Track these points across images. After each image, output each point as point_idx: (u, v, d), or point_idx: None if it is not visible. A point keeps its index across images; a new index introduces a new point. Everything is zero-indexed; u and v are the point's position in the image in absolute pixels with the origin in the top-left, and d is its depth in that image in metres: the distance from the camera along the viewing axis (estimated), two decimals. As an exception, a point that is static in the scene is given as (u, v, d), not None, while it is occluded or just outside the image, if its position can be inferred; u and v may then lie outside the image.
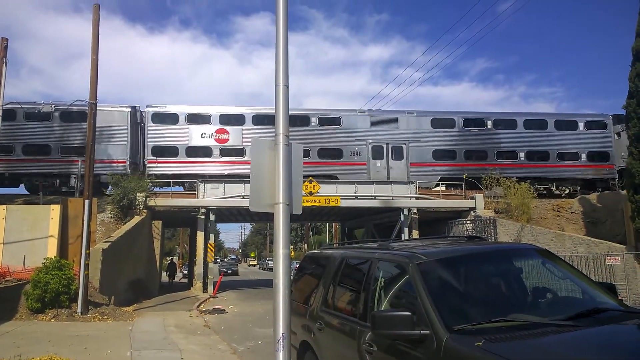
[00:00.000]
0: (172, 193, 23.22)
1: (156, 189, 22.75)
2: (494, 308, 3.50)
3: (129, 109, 24.35)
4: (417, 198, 23.08)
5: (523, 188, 21.97)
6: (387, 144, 25.44)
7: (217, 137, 24.78)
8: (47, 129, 23.66)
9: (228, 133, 24.82)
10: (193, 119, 24.85)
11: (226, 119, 25.06)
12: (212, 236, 23.23)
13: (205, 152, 24.64)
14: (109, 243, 16.65)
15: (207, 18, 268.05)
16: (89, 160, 14.45)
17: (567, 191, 25.68)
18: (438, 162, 25.50)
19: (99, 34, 14.53)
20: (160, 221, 23.14)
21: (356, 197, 23.00)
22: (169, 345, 10.13)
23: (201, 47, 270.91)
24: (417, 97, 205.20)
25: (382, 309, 3.96)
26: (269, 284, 24.49)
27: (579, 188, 25.52)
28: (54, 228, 16.58)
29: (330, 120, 25.59)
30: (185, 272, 36.17)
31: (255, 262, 77.85)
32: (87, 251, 13.86)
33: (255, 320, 14.02)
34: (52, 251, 15.77)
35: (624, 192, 18.87)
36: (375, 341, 3.76)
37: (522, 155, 25.64)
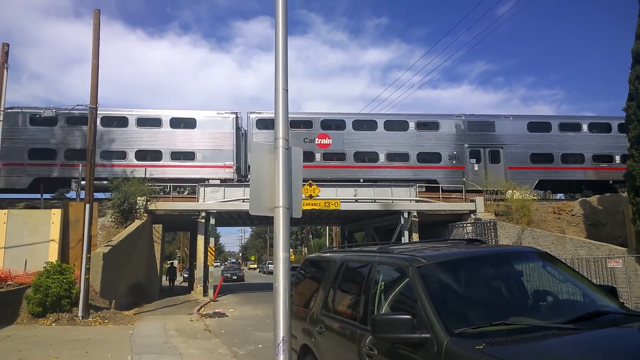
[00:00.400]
0: (173, 197, 23.25)
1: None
2: (494, 311, 3.50)
3: (234, 115, 25.08)
4: (417, 201, 23.07)
5: (523, 191, 21.97)
6: (484, 147, 25.71)
7: (319, 142, 25.22)
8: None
9: (329, 138, 25.31)
10: (296, 124, 25.27)
11: (327, 124, 25.62)
12: (212, 240, 23.22)
13: (309, 156, 24.96)
14: (110, 247, 16.66)
15: (206, 23, 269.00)
16: (89, 165, 14.47)
17: None
18: (535, 165, 25.60)
19: (99, 39, 14.57)
20: (161, 225, 23.15)
21: (356, 201, 23.01)
22: (170, 349, 10.12)
23: (201, 51, 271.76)
24: (417, 100, 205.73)
25: (383, 312, 3.96)
26: (269, 287, 24.48)
27: None
28: (55, 232, 16.57)
29: (428, 125, 26.00)
30: (185, 275, 36.14)
31: (255, 266, 77.69)
32: (88, 255, 13.87)
33: (256, 324, 14.00)
34: (53, 255, 15.76)
35: (625, 194, 18.85)
36: (375, 345, 3.76)
37: (617, 159, 25.57)
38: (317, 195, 21.99)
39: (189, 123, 24.90)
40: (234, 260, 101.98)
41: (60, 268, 13.64)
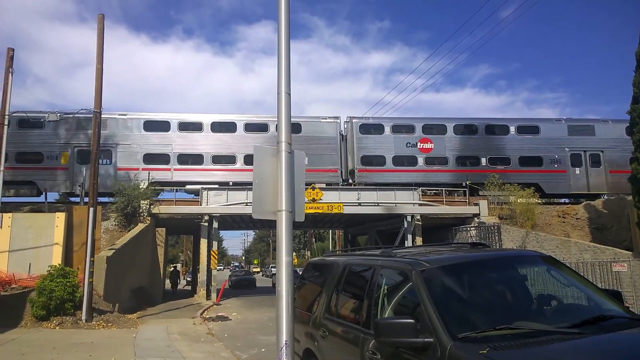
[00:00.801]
0: (176, 200, 23.29)
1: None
2: (498, 315, 3.47)
3: (338, 120, 25.61)
4: (420, 204, 23.02)
5: (527, 194, 21.88)
6: (584, 151, 25.72)
7: (421, 147, 25.37)
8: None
9: (432, 142, 25.50)
10: (397, 129, 25.57)
11: (429, 129, 25.81)
12: (215, 243, 23.23)
13: (410, 160, 25.27)
14: (113, 250, 16.69)
15: (210, 27, 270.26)
16: (93, 168, 14.54)
17: None
18: None
19: (103, 44, 14.67)
20: (164, 228, 23.18)
21: (359, 204, 22.98)
22: (173, 353, 10.11)
23: (204, 55, 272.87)
24: (420, 103, 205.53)
25: (386, 316, 3.94)
26: (272, 291, 24.34)
27: None
28: (59, 236, 16.63)
29: (529, 129, 26.04)
30: (188, 279, 36.12)
31: (258, 269, 77.71)
32: (92, 259, 13.90)
33: (259, 328, 13.98)
34: (57, 259, 15.81)
35: (630, 197, 18.75)
36: (378, 349, 3.74)
37: None
38: (321, 199, 21.98)
39: (295, 128, 25.16)
40: (237, 264, 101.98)
41: (63, 271, 13.69)
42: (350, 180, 25.15)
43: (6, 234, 16.34)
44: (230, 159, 24.58)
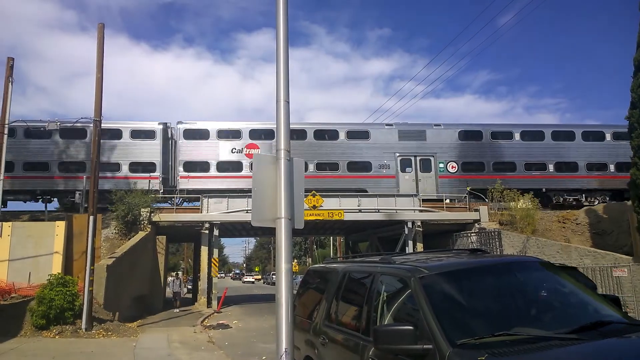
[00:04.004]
0: (177, 208, 23.30)
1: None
2: (497, 322, 3.47)
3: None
4: (420, 211, 23.01)
5: (527, 199, 21.89)
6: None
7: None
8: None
9: None
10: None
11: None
12: (216, 251, 23.20)
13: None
14: (114, 259, 16.68)
15: (210, 35, 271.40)
16: (93, 177, 14.57)
17: None
18: None
19: (103, 53, 14.76)
20: (165, 236, 23.18)
21: (360, 211, 22.97)
22: (173, 362, 10.08)
23: (205, 63, 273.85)
24: (420, 110, 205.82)
25: (385, 323, 3.95)
26: (273, 298, 24.22)
27: None
28: (59, 244, 16.62)
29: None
30: (189, 287, 35.97)
31: (259, 277, 77.54)
32: (92, 267, 13.89)
33: (260, 336, 13.93)
34: (57, 267, 15.79)
35: (629, 202, 18.75)
36: (378, 356, 3.74)
37: None
38: (321, 206, 21.98)
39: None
40: (238, 271, 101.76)
41: (63, 280, 13.66)
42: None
43: (6, 242, 16.33)
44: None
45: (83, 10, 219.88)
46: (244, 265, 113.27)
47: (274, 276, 51.50)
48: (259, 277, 77.72)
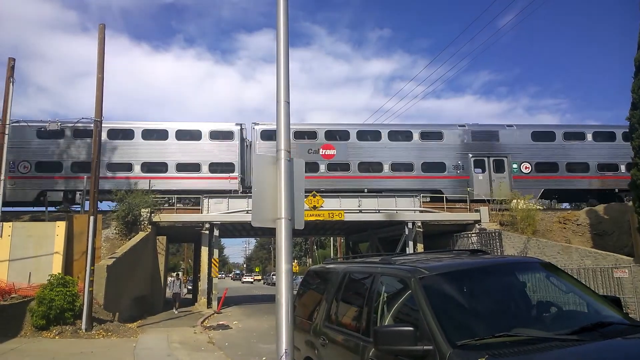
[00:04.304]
0: (177, 208, 23.30)
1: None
2: (497, 323, 3.47)
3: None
4: (421, 211, 23.00)
5: (527, 200, 21.88)
6: None
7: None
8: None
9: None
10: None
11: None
12: (216, 251, 23.19)
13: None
14: (114, 259, 16.67)
15: (211, 36, 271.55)
16: (94, 177, 14.57)
17: None
18: None
19: (104, 53, 14.77)
20: (165, 237, 23.17)
21: (360, 211, 22.97)
22: (173, 362, 10.07)
23: (206, 64, 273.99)
24: (420, 110, 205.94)
25: (385, 324, 3.94)
26: (273, 299, 24.17)
27: None
28: (59, 245, 16.62)
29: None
30: (189, 287, 35.97)
31: (260, 277, 77.58)
32: (92, 267, 13.89)
33: (260, 336, 13.92)
34: (57, 268, 15.79)
35: (631, 203, 18.73)
36: (378, 357, 3.73)
37: None
38: (321, 206, 21.97)
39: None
40: (238, 272, 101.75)
41: (63, 280, 13.66)
42: None
43: (6, 243, 16.34)
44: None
45: (84, 10, 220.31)
46: (244, 265, 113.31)
47: (274, 277, 51.51)
48: (259, 277, 77.76)
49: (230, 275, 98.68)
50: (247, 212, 21.44)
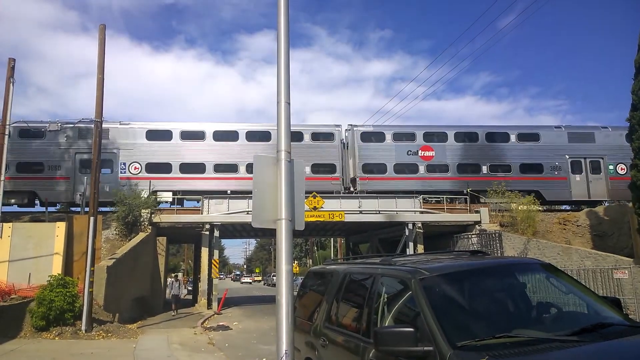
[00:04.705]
0: (177, 209, 23.30)
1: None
2: (497, 323, 3.48)
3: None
4: (421, 212, 23.00)
5: (528, 201, 21.87)
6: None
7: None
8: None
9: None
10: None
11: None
12: (216, 252, 23.18)
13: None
14: (114, 260, 16.67)
15: (211, 37, 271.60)
16: (94, 178, 14.58)
17: None
18: None
19: (104, 54, 14.78)
20: (165, 237, 23.16)
21: (360, 212, 22.97)
22: (173, 363, 10.07)
23: (206, 64, 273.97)
24: (421, 111, 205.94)
25: (386, 325, 3.94)
26: (274, 299, 24.11)
27: None
28: (59, 245, 16.63)
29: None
30: (189, 288, 35.95)
31: (260, 278, 77.67)
32: (92, 268, 13.88)
33: (260, 337, 13.92)
34: (57, 268, 15.79)
35: (630, 204, 18.74)
36: (379, 358, 3.73)
37: None
38: (322, 207, 21.97)
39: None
40: (238, 272, 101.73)
41: (63, 281, 13.66)
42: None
43: (6, 243, 16.34)
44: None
45: (85, 11, 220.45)
46: (245, 266, 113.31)
47: (274, 277, 51.48)
48: (259, 278, 77.79)
49: (231, 276, 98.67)
50: (248, 213, 21.43)
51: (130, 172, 23.84)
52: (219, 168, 24.29)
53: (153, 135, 24.41)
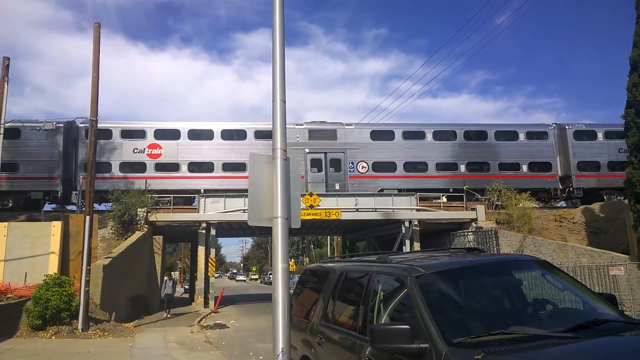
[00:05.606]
0: (173, 208, 23.24)
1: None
2: (493, 320, 3.48)
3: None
4: (417, 210, 23.04)
5: (524, 198, 21.95)
6: None
7: None
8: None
9: None
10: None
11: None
12: (213, 250, 23.16)
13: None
14: (110, 259, 16.62)
15: (207, 35, 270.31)
16: (90, 177, 14.52)
17: None
18: None
19: (99, 52, 14.71)
20: (162, 236, 23.11)
21: (357, 210, 22.98)
22: (170, 362, 10.06)
23: (202, 63, 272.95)
24: (417, 109, 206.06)
25: (382, 322, 3.95)
26: (270, 298, 24.10)
27: None
28: (55, 244, 16.57)
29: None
30: (186, 287, 35.95)
31: (257, 276, 77.75)
32: (88, 267, 13.84)
33: (257, 335, 13.91)
34: (53, 268, 15.74)
35: (626, 201, 18.83)
36: (375, 355, 3.73)
37: None
38: (318, 205, 21.97)
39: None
40: (235, 271, 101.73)
41: (59, 280, 13.61)
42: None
43: (2, 243, 16.28)
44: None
45: (80, 10, 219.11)
46: (241, 265, 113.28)
47: (271, 276, 51.43)
48: (256, 276, 77.83)
49: (227, 274, 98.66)
50: (244, 211, 21.41)
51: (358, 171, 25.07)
52: None
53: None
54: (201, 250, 22.53)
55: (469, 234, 22.24)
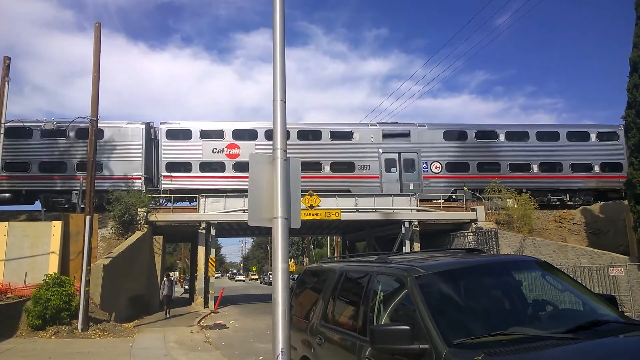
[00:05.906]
0: (173, 208, 23.25)
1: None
2: (493, 321, 3.48)
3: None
4: (417, 210, 23.03)
5: (524, 199, 21.94)
6: None
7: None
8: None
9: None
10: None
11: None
12: (213, 250, 23.16)
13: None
14: (110, 259, 16.62)
15: (207, 35, 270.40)
16: (90, 177, 14.53)
17: None
18: None
19: (100, 52, 14.72)
20: (162, 236, 23.11)
21: (357, 210, 22.98)
22: (170, 362, 10.06)
23: (202, 63, 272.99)
24: (417, 109, 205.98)
25: (382, 323, 3.94)
26: (270, 298, 24.01)
27: None
28: (55, 244, 16.56)
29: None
30: (186, 287, 35.95)
31: (257, 276, 77.76)
32: (88, 267, 13.84)
33: (257, 336, 13.91)
34: (53, 267, 15.74)
35: (626, 202, 18.82)
36: (375, 356, 3.73)
37: None
38: (318, 205, 21.97)
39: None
40: (235, 271, 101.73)
41: (59, 280, 13.62)
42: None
43: (2, 242, 16.28)
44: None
45: (81, 10, 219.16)
46: (241, 265, 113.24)
47: (271, 276, 51.41)
48: (256, 277, 77.83)
49: (227, 274, 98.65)
50: (244, 212, 21.40)
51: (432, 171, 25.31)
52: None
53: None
54: (201, 250, 22.53)
55: (469, 234, 22.24)
